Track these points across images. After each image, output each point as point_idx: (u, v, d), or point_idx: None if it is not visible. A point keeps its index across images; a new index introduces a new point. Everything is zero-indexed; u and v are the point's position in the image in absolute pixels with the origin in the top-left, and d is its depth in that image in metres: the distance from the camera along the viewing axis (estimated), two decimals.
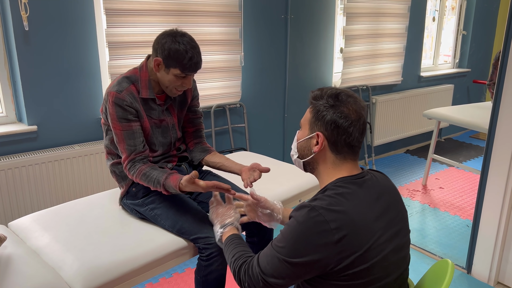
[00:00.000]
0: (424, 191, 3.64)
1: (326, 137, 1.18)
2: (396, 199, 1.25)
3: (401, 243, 1.20)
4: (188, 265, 2.49)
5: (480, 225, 2.41)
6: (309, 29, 3.46)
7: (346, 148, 1.18)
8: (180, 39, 1.57)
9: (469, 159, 4.45)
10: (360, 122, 1.17)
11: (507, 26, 2.14)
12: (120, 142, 1.64)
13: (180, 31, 1.61)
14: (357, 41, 3.72)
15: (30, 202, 2.29)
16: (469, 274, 2.51)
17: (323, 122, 1.17)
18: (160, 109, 1.73)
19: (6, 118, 2.35)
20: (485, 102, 4.00)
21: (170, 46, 1.56)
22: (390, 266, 1.15)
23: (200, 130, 1.93)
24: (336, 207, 1.10)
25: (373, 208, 1.15)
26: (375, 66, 3.97)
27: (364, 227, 1.10)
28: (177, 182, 1.53)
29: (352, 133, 1.16)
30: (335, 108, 1.16)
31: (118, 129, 1.62)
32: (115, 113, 1.61)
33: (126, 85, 1.64)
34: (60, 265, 1.45)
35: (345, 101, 1.17)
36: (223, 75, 2.99)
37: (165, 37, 1.59)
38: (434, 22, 4.72)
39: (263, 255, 1.18)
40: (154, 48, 1.62)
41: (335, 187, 1.16)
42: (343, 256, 1.08)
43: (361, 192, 1.15)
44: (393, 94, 4.22)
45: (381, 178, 1.25)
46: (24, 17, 2.15)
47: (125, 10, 2.44)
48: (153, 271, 1.55)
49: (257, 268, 1.17)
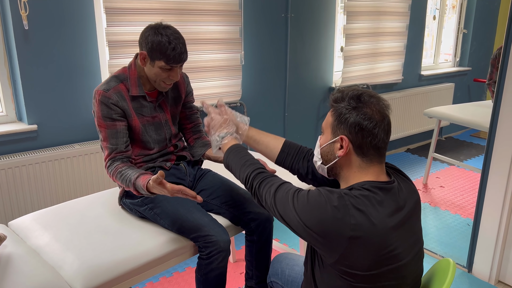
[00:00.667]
0: (425, 190, 3.63)
1: (351, 141, 1.14)
2: (417, 206, 1.21)
3: (419, 252, 1.18)
4: (189, 264, 2.49)
5: (480, 224, 2.41)
6: (310, 27, 3.45)
7: (372, 150, 1.14)
8: (163, 31, 1.57)
9: (470, 157, 4.44)
10: (384, 123, 1.14)
11: (508, 25, 2.13)
12: (103, 140, 1.66)
13: (164, 24, 1.61)
14: (358, 40, 3.71)
15: (30, 201, 2.29)
16: (469, 273, 2.50)
17: (347, 125, 1.13)
18: (152, 106, 1.73)
19: (6, 117, 2.35)
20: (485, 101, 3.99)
21: (153, 38, 1.56)
22: (407, 276, 1.13)
23: (198, 125, 1.93)
24: (361, 207, 1.07)
25: (394, 217, 1.11)
26: (375, 65, 3.96)
27: (381, 236, 1.07)
28: (146, 181, 1.50)
29: (378, 134, 1.12)
30: (358, 110, 1.13)
31: (102, 127, 1.64)
32: (100, 111, 1.62)
33: (114, 84, 1.65)
34: (60, 264, 1.45)
35: (368, 102, 1.14)
36: (223, 74, 2.98)
37: (148, 30, 1.59)
38: (434, 21, 4.71)
39: (280, 193, 1.17)
40: (140, 43, 1.62)
41: (362, 188, 1.12)
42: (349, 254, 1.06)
43: (386, 200, 1.11)
44: (393, 93, 4.21)
45: (406, 187, 1.21)
46: (23, 16, 2.14)
47: (125, 9, 2.43)
48: (153, 270, 1.55)
49: (272, 199, 1.18)
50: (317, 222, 1.07)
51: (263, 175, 1.25)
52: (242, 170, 1.30)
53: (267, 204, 1.20)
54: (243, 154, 1.35)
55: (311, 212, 1.08)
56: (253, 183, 1.24)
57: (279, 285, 1.56)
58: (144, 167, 1.75)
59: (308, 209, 1.09)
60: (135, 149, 1.74)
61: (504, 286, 2.41)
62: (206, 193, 1.79)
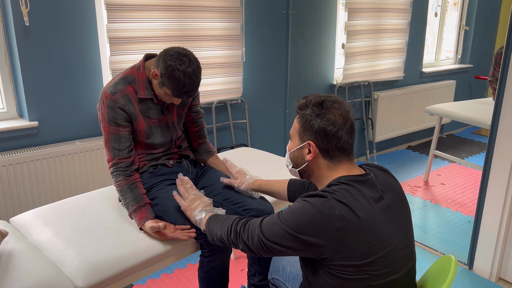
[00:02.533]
0: (426, 187, 3.63)
1: (317, 146, 1.23)
2: (399, 196, 1.26)
3: (405, 239, 1.21)
4: (190, 261, 2.50)
5: (481, 221, 2.41)
6: (311, 24, 3.44)
7: (338, 152, 1.22)
8: (185, 68, 1.53)
9: (471, 155, 4.44)
10: (347, 125, 1.22)
11: (510, 22, 2.12)
12: (106, 143, 1.66)
13: (190, 56, 1.57)
14: (359, 37, 3.70)
15: (32, 198, 2.29)
16: (470, 270, 2.51)
17: (312, 131, 1.22)
18: (159, 108, 1.73)
19: (7, 114, 2.35)
20: (487, 98, 3.98)
21: (173, 72, 1.53)
22: (396, 262, 1.17)
23: (203, 129, 1.96)
24: (342, 199, 1.14)
25: (376, 205, 1.17)
26: (377, 62, 3.96)
27: (367, 222, 1.13)
28: (142, 221, 1.58)
29: (342, 137, 1.21)
30: (322, 117, 1.21)
31: (106, 130, 1.65)
32: (106, 114, 1.62)
33: (122, 87, 1.64)
34: (61, 261, 1.45)
35: (330, 107, 1.22)
36: (224, 71, 2.98)
37: (172, 55, 1.54)
38: (436, 18, 4.70)
39: (267, 220, 1.23)
40: (159, 59, 1.58)
41: (339, 183, 1.19)
42: (340, 248, 1.11)
43: (364, 189, 1.18)
44: (395, 90, 4.21)
45: (383, 176, 1.27)
46: (24, 13, 2.14)
47: (126, 5, 2.42)
48: (154, 266, 1.55)
49: (258, 229, 1.22)
50: (306, 223, 1.13)
51: (245, 219, 1.31)
52: (223, 226, 1.35)
53: (254, 241, 1.23)
54: (220, 217, 1.42)
55: (298, 217, 1.15)
56: (236, 228, 1.29)
57: (280, 281, 1.56)
58: (147, 165, 1.75)
59: (295, 217, 1.15)
60: (139, 148, 1.74)
61: (505, 283, 2.41)
62: (207, 190, 1.79)
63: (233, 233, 1.29)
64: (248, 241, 1.24)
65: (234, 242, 1.30)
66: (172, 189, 1.71)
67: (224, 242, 1.35)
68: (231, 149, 3.07)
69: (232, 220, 1.33)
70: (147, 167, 1.75)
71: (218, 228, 1.36)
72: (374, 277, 1.13)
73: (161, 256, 1.56)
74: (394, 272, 1.16)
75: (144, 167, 1.75)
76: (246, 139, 3.28)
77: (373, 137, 4.10)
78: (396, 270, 1.16)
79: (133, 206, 1.61)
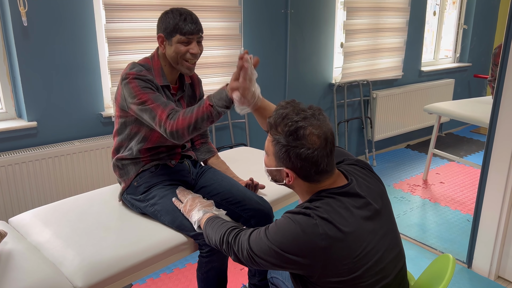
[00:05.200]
0: (425, 186, 3.63)
1: (296, 173, 1.18)
2: (382, 196, 1.25)
3: (392, 240, 1.21)
4: (189, 261, 2.50)
5: (480, 220, 2.41)
6: (309, 23, 3.44)
7: (317, 176, 1.17)
8: (175, 10, 1.62)
9: (470, 153, 4.44)
10: (327, 148, 1.15)
11: (508, 21, 2.13)
12: (152, 104, 1.54)
13: (177, 8, 1.65)
14: (358, 36, 3.70)
15: (31, 198, 2.29)
16: (469, 269, 2.51)
17: (289, 161, 1.16)
18: (172, 100, 1.73)
19: (6, 114, 2.35)
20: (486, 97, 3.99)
21: (166, 19, 1.60)
22: (385, 267, 1.16)
23: (206, 129, 1.96)
24: (324, 215, 1.12)
25: (360, 212, 1.16)
26: (375, 61, 3.96)
27: (352, 236, 1.12)
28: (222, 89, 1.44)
29: (321, 163, 1.15)
30: (299, 148, 1.13)
31: (145, 97, 1.56)
32: (138, 85, 1.58)
33: (142, 69, 1.64)
34: (60, 261, 1.45)
35: (306, 135, 1.13)
36: (223, 70, 2.98)
37: (161, 15, 1.63)
38: (435, 17, 4.70)
39: (254, 234, 1.21)
40: (157, 31, 1.65)
41: (321, 197, 1.17)
42: (327, 266, 1.10)
43: (346, 200, 1.16)
44: (393, 89, 4.21)
45: (364, 177, 1.25)
46: (22, 13, 2.14)
47: (124, 5, 2.42)
48: (153, 266, 1.55)
49: (247, 243, 1.21)
50: (291, 242, 1.11)
51: (237, 229, 1.30)
52: (216, 234, 1.35)
53: (243, 254, 1.22)
54: (216, 221, 1.41)
55: (282, 236, 1.13)
56: (228, 239, 1.28)
57: (279, 280, 1.56)
58: (149, 164, 1.75)
59: (280, 235, 1.14)
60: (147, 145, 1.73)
61: (504, 281, 2.41)
62: (206, 190, 1.79)
63: (225, 243, 1.29)
64: (239, 253, 1.23)
65: (226, 252, 1.29)
66: (171, 188, 1.71)
67: (218, 249, 1.35)
68: (230, 148, 3.07)
69: (225, 228, 1.32)
70: (148, 165, 1.75)
71: (213, 234, 1.36)
72: (367, 286, 1.13)
73: (161, 256, 1.56)
74: (384, 278, 1.16)
75: (146, 165, 1.75)
76: (245, 139, 3.28)
77: (372, 137, 4.11)
78: (386, 276, 1.16)
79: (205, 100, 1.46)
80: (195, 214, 1.52)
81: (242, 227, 1.33)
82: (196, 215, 1.51)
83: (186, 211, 1.58)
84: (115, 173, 1.80)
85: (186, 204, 1.59)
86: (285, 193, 1.98)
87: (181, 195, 1.65)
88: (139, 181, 1.73)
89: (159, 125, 1.53)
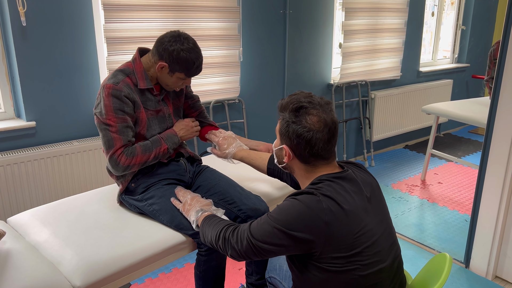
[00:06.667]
0: (423, 186, 3.64)
1: (292, 151, 1.26)
2: (375, 190, 1.30)
3: (387, 229, 1.26)
4: (188, 260, 2.50)
5: (478, 220, 2.42)
6: (308, 24, 3.45)
7: (312, 158, 1.24)
8: (186, 45, 1.61)
9: (468, 154, 4.46)
10: (324, 131, 1.21)
11: (506, 22, 2.14)
12: (114, 133, 1.61)
13: (184, 35, 1.64)
14: (356, 36, 3.71)
15: (29, 198, 2.30)
16: (467, 269, 2.52)
17: (288, 136, 1.24)
18: (156, 100, 1.74)
19: (5, 114, 2.35)
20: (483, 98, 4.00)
21: (179, 55, 1.60)
22: (381, 251, 1.20)
23: (203, 112, 1.99)
24: (327, 193, 1.17)
25: (358, 198, 1.21)
26: (374, 62, 3.96)
27: (352, 214, 1.17)
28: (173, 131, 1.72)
29: (316, 144, 1.21)
30: (297, 124, 1.22)
31: (113, 121, 1.61)
32: (112, 104, 1.60)
33: (122, 77, 1.65)
34: (59, 260, 1.46)
35: (307, 113, 1.21)
36: (221, 71, 2.98)
37: (169, 41, 1.61)
38: (433, 17, 4.71)
39: (255, 222, 1.24)
40: (158, 51, 1.63)
41: (322, 180, 1.22)
42: (329, 241, 1.14)
43: (345, 184, 1.21)
44: (392, 89, 4.22)
45: (360, 173, 1.31)
46: (21, 13, 2.14)
47: (123, 5, 2.43)
48: (152, 265, 1.56)
49: (247, 231, 1.23)
50: (296, 219, 1.15)
51: (234, 225, 1.32)
52: (212, 231, 1.36)
53: (243, 244, 1.23)
54: (213, 220, 1.43)
55: (287, 214, 1.17)
56: (225, 235, 1.30)
57: (277, 280, 1.57)
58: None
59: (284, 214, 1.17)
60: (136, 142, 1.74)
61: (501, 281, 2.42)
62: (204, 189, 1.79)
63: (221, 239, 1.30)
64: (237, 245, 1.24)
65: (222, 248, 1.30)
66: (170, 188, 1.71)
67: (213, 247, 1.36)
68: None
69: (222, 225, 1.34)
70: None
71: (209, 231, 1.37)
72: (362, 267, 1.16)
73: (159, 255, 1.56)
74: (381, 262, 1.19)
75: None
76: None
77: (371, 137, 4.11)
78: (383, 260, 1.20)
79: (161, 141, 1.71)
80: (194, 213, 1.53)
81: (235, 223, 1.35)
82: (194, 214, 1.52)
83: (185, 210, 1.58)
84: (111, 177, 1.80)
85: (185, 204, 1.60)
86: (282, 193, 1.98)
87: (180, 194, 1.66)
88: (136, 182, 1.74)
89: (111, 155, 1.62)
